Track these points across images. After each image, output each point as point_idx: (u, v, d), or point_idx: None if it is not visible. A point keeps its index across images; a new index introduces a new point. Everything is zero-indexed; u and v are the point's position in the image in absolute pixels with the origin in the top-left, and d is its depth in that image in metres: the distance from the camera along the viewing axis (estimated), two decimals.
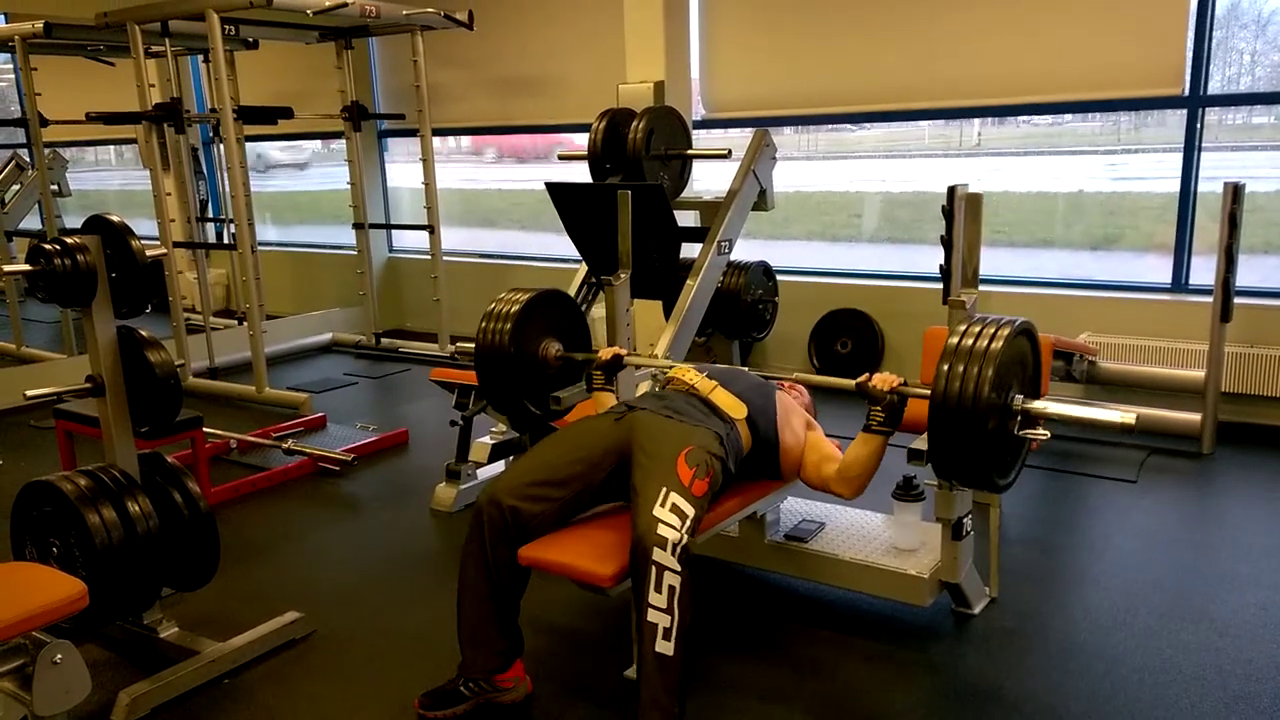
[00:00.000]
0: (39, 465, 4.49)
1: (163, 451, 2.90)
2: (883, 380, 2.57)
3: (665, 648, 2.22)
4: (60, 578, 2.29)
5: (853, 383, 2.62)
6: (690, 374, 2.86)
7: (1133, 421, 2.28)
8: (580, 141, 5.34)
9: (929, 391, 2.31)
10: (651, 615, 2.22)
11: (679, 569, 2.23)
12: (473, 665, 2.54)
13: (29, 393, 2.73)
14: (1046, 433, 2.35)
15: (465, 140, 8.11)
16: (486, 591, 2.50)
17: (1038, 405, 2.35)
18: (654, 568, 2.22)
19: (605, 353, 3.10)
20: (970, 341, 2.29)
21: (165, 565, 2.69)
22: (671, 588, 2.22)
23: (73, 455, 4.11)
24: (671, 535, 2.24)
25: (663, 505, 2.29)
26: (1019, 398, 2.34)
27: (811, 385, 3.06)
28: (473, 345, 3.15)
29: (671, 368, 2.98)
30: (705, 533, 2.57)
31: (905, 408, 2.58)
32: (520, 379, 3.11)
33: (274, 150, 9.49)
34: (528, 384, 3.15)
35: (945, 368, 2.27)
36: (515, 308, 3.08)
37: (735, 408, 2.75)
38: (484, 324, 3.09)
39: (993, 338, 2.28)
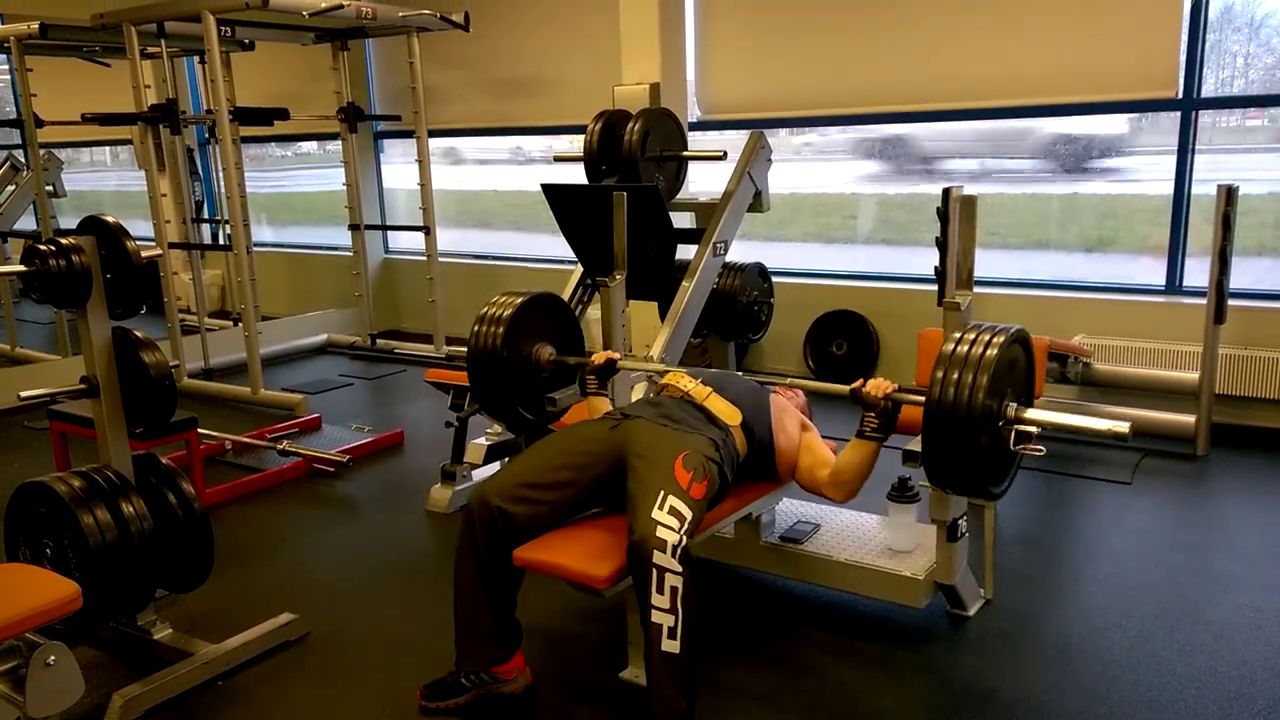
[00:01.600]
0: (33, 466, 4.48)
1: (157, 453, 2.89)
2: (876, 387, 2.56)
3: (671, 646, 2.22)
4: (54, 579, 2.28)
5: (846, 389, 2.62)
6: (685, 380, 2.85)
7: (1125, 431, 2.29)
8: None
9: (923, 398, 2.31)
10: (655, 616, 2.22)
11: (680, 569, 2.23)
12: (472, 659, 2.55)
13: (23, 394, 2.72)
14: (1041, 448, 2.34)
15: (461, 144, 8.10)
16: (482, 587, 2.50)
17: (1031, 413, 2.35)
18: (655, 570, 2.22)
19: (598, 357, 3.09)
20: (965, 349, 2.29)
21: (159, 567, 2.69)
22: (674, 588, 2.22)
23: (67, 456, 4.11)
24: (671, 537, 2.24)
25: (660, 508, 2.29)
26: (1013, 405, 2.34)
27: (805, 390, 3.06)
28: (465, 349, 3.14)
29: (666, 373, 2.97)
30: (701, 533, 2.57)
31: (899, 414, 2.57)
32: (513, 383, 3.10)
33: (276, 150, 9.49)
34: (520, 388, 3.14)
35: (940, 374, 2.27)
36: (508, 311, 3.07)
37: (730, 414, 2.75)
38: (476, 328, 3.08)
39: (987, 345, 2.28)
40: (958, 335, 2.35)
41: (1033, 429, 2.33)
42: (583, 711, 2.62)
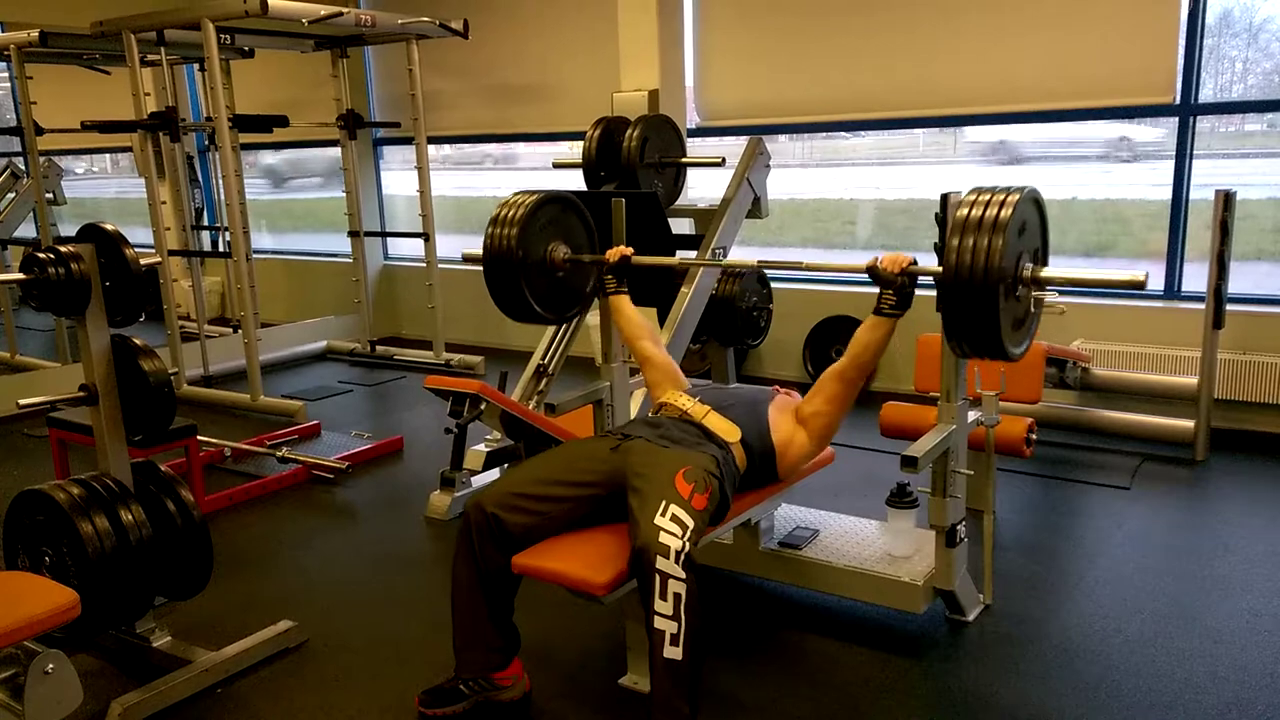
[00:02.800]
0: (32, 474, 4.48)
1: (156, 460, 2.89)
2: (892, 262, 2.59)
3: (674, 653, 2.21)
4: (52, 587, 2.28)
5: (863, 264, 2.65)
6: (683, 399, 2.85)
7: (1142, 278, 2.35)
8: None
9: (939, 269, 2.35)
10: (659, 623, 2.21)
11: (684, 575, 2.22)
12: (470, 665, 2.55)
13: (22, 401, 2.72)
14: (1062, 307, 2.41)
15: (458, 148, 8.12)
16: (479, 592, 2.51)
17: (1047, 271, 2.43)
18: (658, 576, 2.21)
19: (612, 254, 3.13)
20: (979, 212, 2.32)
21: (158, 574, 2.68)
22: (677, 595, 2.21)
23: (66, 464, 4.10)
24: (674, 543, 2.24)
25: (663, 515, 2.29)
26: (1029, 266, 2.39)
27: (822, 269, 3.09)
28: (480, 254, 3.13)
29: (667, 390, 2.96)
30: (702, 539, 2.57)
31: (915, 287, 2.61)
32: (529, 283, 3.11)
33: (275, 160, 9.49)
34: (536, 288, 3.14)
35: (955, 241, 2.30)
36: (521, 212, 3.07)
37: (729, 431, 2.74)
38: (491, 229, 3.09)
39: (1001, 205, 2.31)
40: (971, 198, 2.37)
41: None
42: (582, 718, 2.62)
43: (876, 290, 2.67)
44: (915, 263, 2.59)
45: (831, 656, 2.86)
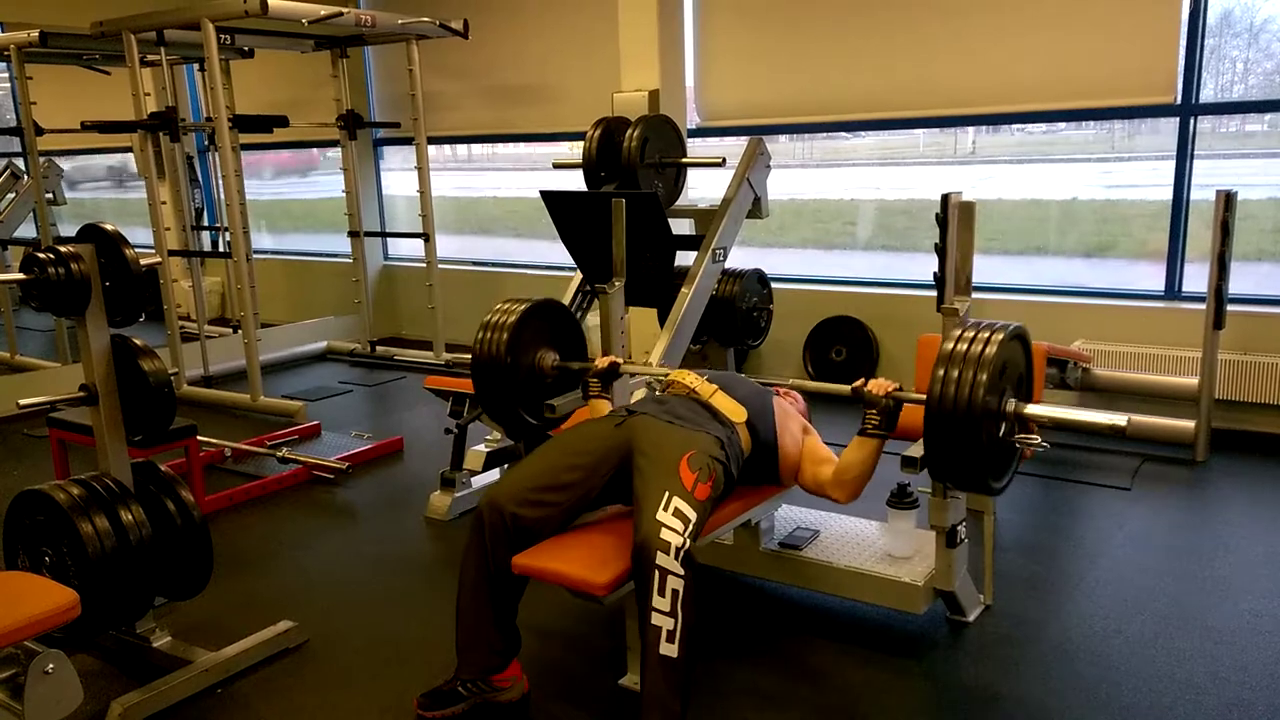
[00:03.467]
0: (32, 474, 4.48)
1: (156, 460, 2.89)
2: (878, 386, 2.59)
3: (669, 650, 2.22)
4: (52, 587, 2.28)
5: (848, 388, 2.64)
6: (690, 377, 2.87)
7: (1124, 424, 2.32)
8: None
9: (924, 397, 2.33)
10: (655, 619, 2.22)
11: (682, 572, 2.23)
12: (470, 665, 2.54)
13: (22, 401, 2.72)
14: (1042, 442, 2.37)
15: (460, 148, 8.12)
16: (486, 593, 2.51)
17: (1031, 409, 2.38)
18: (657, 572, 2.22)
19: (601, 361, 3.11)
20: (965, 347, 2.31)
21: (158, 574, 2.68)
22: (675, 591, 2.22)
23: (66, 464, 4.10)
24: (674, 539, 2.25)
25: (665, 509, 2.30)
26: (1013, 402, 2.36)
27: (806, 391, 3.08)
28: (469, 356, 3.16)
29: (666, 375, 2.98)
30: (703, 539, 2.57)
31: (900, 412, 2.59)
32: (517, 389, 3.12)
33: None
34: (524, 394, 3.15)
35: (940, 373, 2.29)
36: (512, 318, 3.09)
37: (736, 411, 2.76)
38: (481, 334, 3.10)
39: (986, 342, 2.30)
40: (957, 333, 2.37)
41: (1032, 425, 2.36)
42: (581, 715, 2.61)
43: (878, 291, 2.68)
44: (900, 389, 2.60)
45: (832, 657, 2.86)
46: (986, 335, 2.32)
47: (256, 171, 9.25)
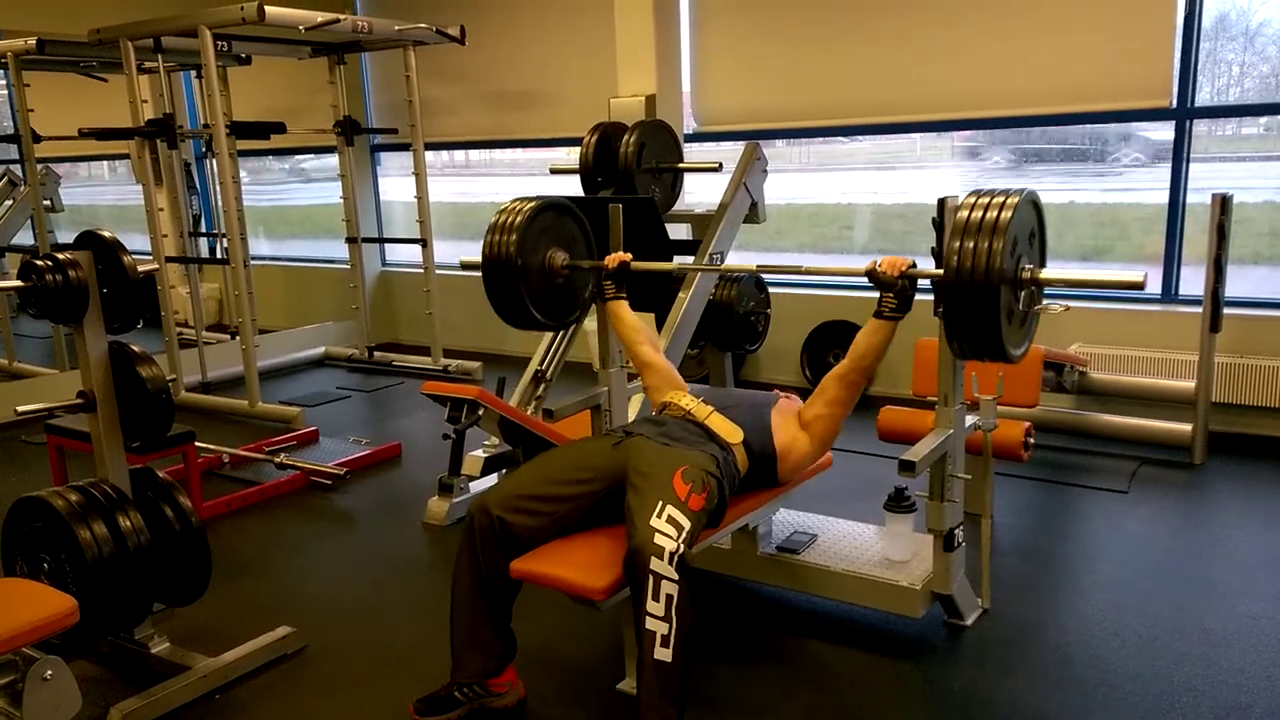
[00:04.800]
0: (30, 481, 4.48)
1: (154, 466, 2.89)
2: (891, 265, 2.62)
3: (664, 654, 2.22)
4: (51, 593, 2.28)
5: (862, 268, 2.66)
6: (687, 399, 2.86)
7: (1140, 279, 2.38)
8: None
9: (939, 272, 2.37)
10: (650, 624, 2.22)
11: (676, 577, 2.24)
12: (467, 669, 2.54)
13: (20, 408, 2.72)
14: (1059, 305, 2.43)
15: (458, 154, 8.13)
16: (480, 596, 2.51)
17: (1045, 272, 2.45)
18: (651, 577, 2.23)
19: (611, 259, 3.14)
20: (979, 214, 2.34)
21: (156, 580, 2.68)
22: (669, 596, 2.22)
23: (64, 470, 4.10)
24: (669, 545, 2.25)
25: (659, 516, 2.30)
26: (1029, 269, 2.41)
27: (821, 273, 3.21)
28: (479, 260, 3.14)
29: (669, 390, 2.97)
30: (700, 544, 2.58)
31: (915, 290, 2.63)
32: (529, 289, 3.12)
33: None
34: (535, 294, 3.16)
35: (956, 244, 2.33)
36: (519, 219, 3.08)
37: (731, 432, 2.75)
38: (489, 237, 3.10)
39: (1001, 208, 2.33)
40: (971, 200, 2.40)
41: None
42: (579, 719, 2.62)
43: (874, 295, 2.69)
44: (914, 265, 2.60)
45: (829, 661, 2.86)
46: (1001, 200, 2.35)
47: (255, 177, 9.26)
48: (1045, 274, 2.45)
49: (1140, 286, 2.40)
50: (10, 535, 2.65)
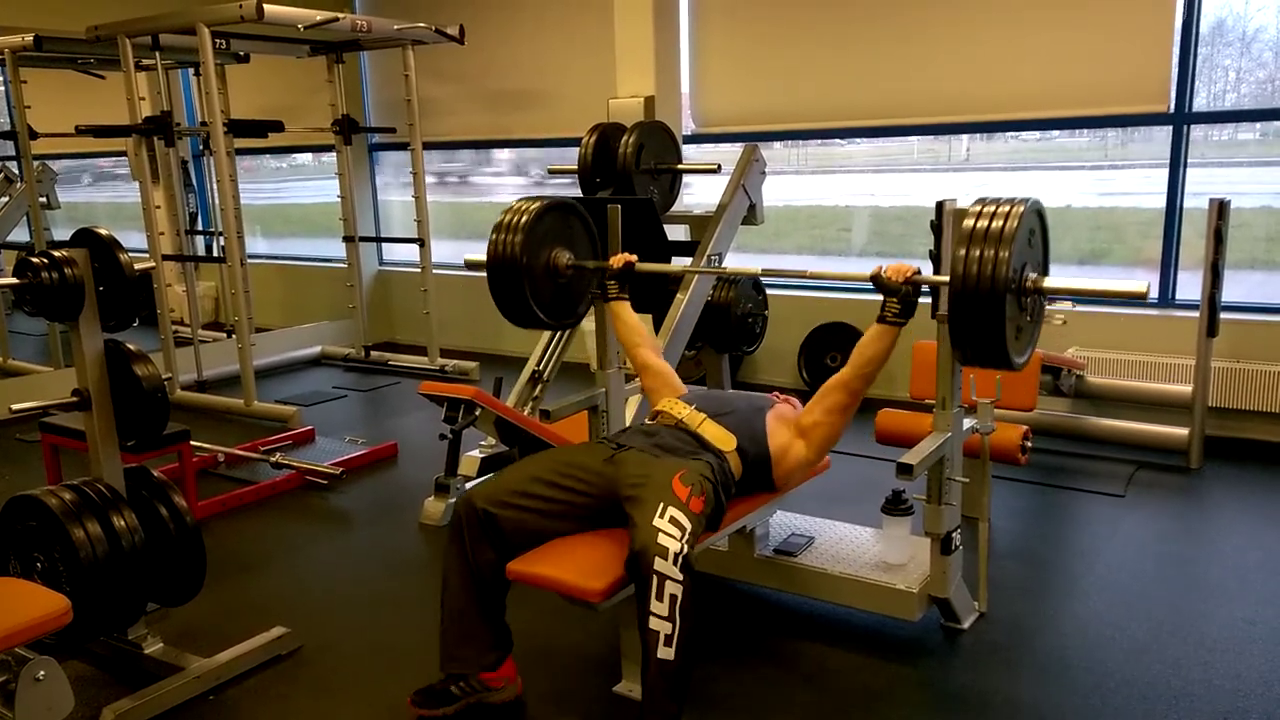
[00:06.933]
0: (24, 479, 4.46)
1: (149, 465, 2.88)
2: (896, 271, 2.62)
3: (667, 654, 2.23)
4: (44, 593, 2.27)
5: (867, 274, 2.66)
6: (679, 407, 2.85)
7: (1144, 289, 2.39)
8: None
9: (944, 279, 2.39)
10: (653, 623, 2.22)
11: (680, 577, 2.24)
12: (463, 662, 2.54)
13: (15, 406, 2.72)
14: (1062, 314, 2.44)
15: (454, 164, 8.12)
16: (470, 591, 2.51)
17: (1049, 281, 2.45)
18: (656, 577, 2.22)
19: (616, 260, 3.15)
20: (985, 224, 2.35)
21: (151, 580, 2.67)
22: (673, 596, 2.22)
23: (58, 469, 4.08)
24: (672, 545, 2.25)
25: (661, 517, 2.30)
26: (1032, 275, 2.42)
27: (824, 278, 3.16)
28: (483, 259, 3.15)
29: (664, 399, 2.95)
30: (698, 547, 2.57)
31: (919, 296, 2.63)
32: (533, 289, 3.12)
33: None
34: (540, 294, 3.16)
35: (962, 252, 2.33)
36: (525, 218, 3.08)
37: (724, 440, 2.74)
38: (495, 236, 3.10)
39: (1006, 218, 2.34)
40: (977, 209, 2.40)
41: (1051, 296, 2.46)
42: None
43: (872, 297, 2.69)
44: (919, 272, 2.60)
45: (826, 663, 2.85)
46: (1007, 209, 2.36)
47: (252, 175, 9.24)
48: (1049, 283, 2.45)
49: (1144, 296, 2.41)
50: (4, 534, 2.63)
